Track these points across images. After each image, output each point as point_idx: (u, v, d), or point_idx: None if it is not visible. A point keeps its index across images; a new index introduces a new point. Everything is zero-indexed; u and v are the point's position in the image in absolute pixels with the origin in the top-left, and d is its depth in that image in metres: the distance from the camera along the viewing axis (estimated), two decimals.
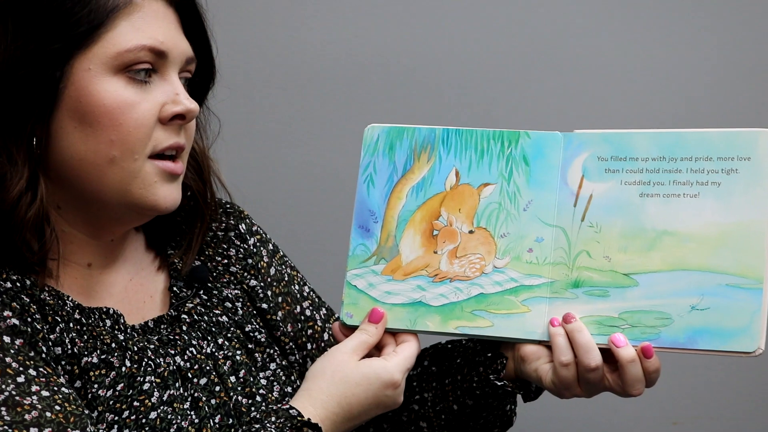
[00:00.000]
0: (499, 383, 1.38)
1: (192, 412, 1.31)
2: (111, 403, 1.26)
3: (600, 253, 1.33)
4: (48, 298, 1.28)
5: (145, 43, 1.28)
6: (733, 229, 1.29)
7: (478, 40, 2.03)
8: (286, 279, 1.49)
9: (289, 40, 2.03)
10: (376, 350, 1.38)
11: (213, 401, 1.33)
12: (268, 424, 1.28)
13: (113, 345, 1.29)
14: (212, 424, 1.31)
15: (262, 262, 1.47)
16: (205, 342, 1.37)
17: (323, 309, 1.50)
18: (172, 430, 1.28)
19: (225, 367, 1.36)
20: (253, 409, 1.35)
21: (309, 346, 1.46)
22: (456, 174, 1.39)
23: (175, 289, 1.40)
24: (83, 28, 1.26)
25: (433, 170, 1.40)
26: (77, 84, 1.26)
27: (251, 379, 1.37)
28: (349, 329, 1.40)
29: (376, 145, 1.42)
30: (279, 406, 1.33)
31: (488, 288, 1.36)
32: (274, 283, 1.47)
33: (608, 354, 1.32)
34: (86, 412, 1.22)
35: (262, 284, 1.45)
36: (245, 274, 1.45)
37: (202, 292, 1.41)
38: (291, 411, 1.29)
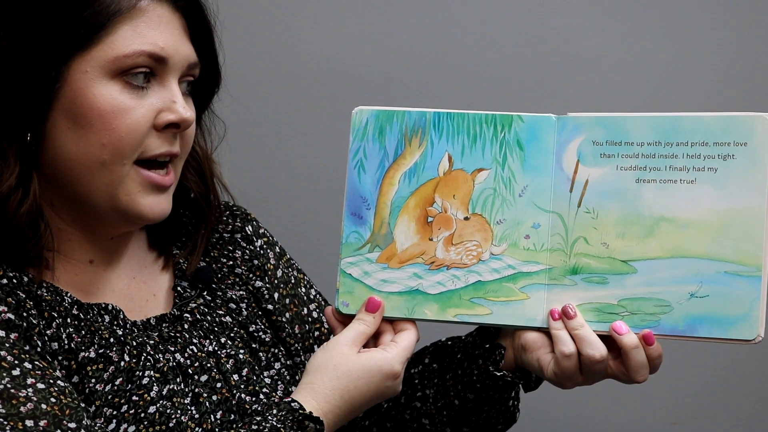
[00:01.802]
0: (498, 373, 1.39)
1: (192, 408, 1.31)
2: (109, 397, 1.27)
3: (597, 240, 1.33)
4: (45, 294, 1.28)
5: (144, 48, 1.27)
6: (731, 216, 1.29)
7: (467, 21, 2.01)
8: (293, 281, 1.48)
9: (292, 45, 2.02)
10: (372, 338, 1.38)
11: (214, 397, 1.33)
12: (269, 417, 1.28)
13: (111, 340, 1.30)
14: (213, 419, 1.31)
15: (268, 264, 1.46)
16: (207, 341, 1.37)
17: (328, 307, 1.50)
18: (171, 424, 1.28)
19: (228, 365, 1.36)
20: (256, 406, 1.35)
21: (316, 348, 1.46)
22: (449, 159, 1.38)
23: (179, 288, 1.39)
24: (83, 31, 1.25)
25: (425, 155, 1.38)
26: (73, 85, 1.26)
27: (254, 378, 1.37)
28: (344, 316, 1.39)
29: (365, 129, 1.40)
30: (281, 398, 1.33)
31: (486, 275, 1.36)
32: (281, 285, 1.46)
33: (608, 341, 1.32)
34: (82, 405, 1.23)
35: (268, 285, 1.45)
36: (250, 275, 1.45)
37: (206, 293, 1.41)
38: (293, 404, 1.29)
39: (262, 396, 1.36)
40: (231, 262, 1.45)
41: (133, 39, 1.27)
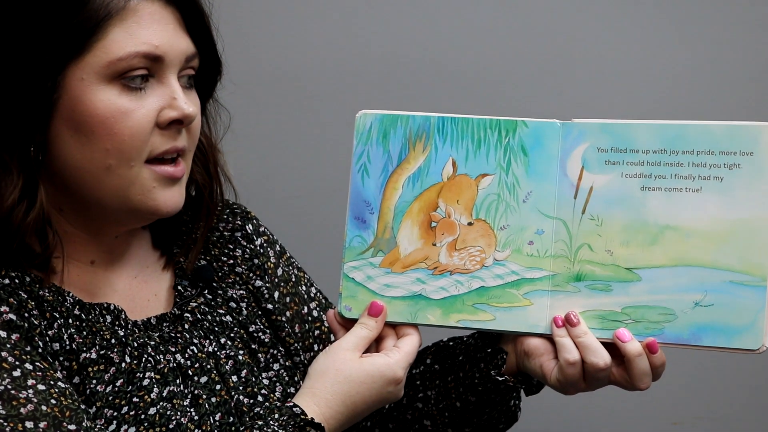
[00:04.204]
0: (500, 378, 1.39)
1: (192, 409, 1.31)
2: (110, 398, 1.27)
3: (602, 247, 1.33)
4: (47, 295, 1.28)
5: (138, 49, 1.26)
6: (737, 225, 1.29)
7: (472, 26, 2.00)
8: (294, 280, 1.48)
9: (296, 48, 2.02)
10: (374, 342, 1.38)
11: (213, 399, 1.33)
12: (271, 422, 1.28)
13: (113, 341, 1.30)
14: (212, 421, 1.32)
15: (268, 263, 1.46)
16: (207, 341, 1.37)
17: (330, 310, 1.49)
18: (171, 426, 1.28)
19: (227, 367, 1.36)
20: (254, 408, 1.35)
21: (316, 347, 1.46)
22: (453, 164, 1.38)
23: (179, 287, 1.39)
24: (75, 38, 1.24)
25: (429, 160, 1.38)
26: (71, 93, 1.25)
27: (253, 379, 1.37)
28: (346, 320, 1.39)
29: (369, 133, 1.39)
30: (283, 403, 1.33)
31: (489, 281, 1.36)
32: (282, 284, 1.46)
33: (612, 348, 1.32)
34: (82, 407, 1.23)
35: (268, 285, 1.45)
36: (251, 274, 1.44)
37: (206, 291, 1.41)
38: (294, 409, 1.29)
39: (260, 398, 1.36)
40: (231, 261, 1.45)
41: (126, 41, 1.26)
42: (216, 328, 1.38)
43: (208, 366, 1.35)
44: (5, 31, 1.25)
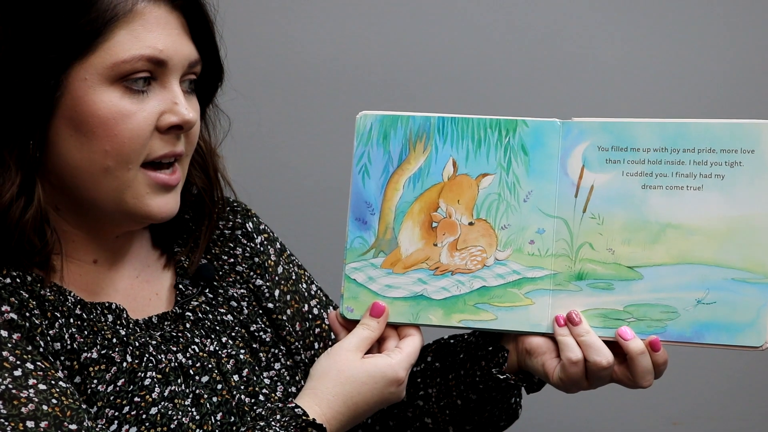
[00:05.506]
0: (501, 376, 1.39)
1: (193, 409, 1.31)
2: (111, 398, 1.27)
3: (603, 245, 1.33)
4: (48, 294, 1.28)
5: (143, 53, 1.26)
6: (739, 223, 1.29)
7: (472, 25, 2.01)
8: (294, 278, 1.48)
9: (296, 49, 2.02)
10: (376, 343, 1.38)
11: (215, 399, 1.33)
12: (272, 422, 1.28)
13: (114, 340, 1.30)
14: (213, 421, 1.32)
15: (269, 261, 1.46)
16: (209, 340, 1.37)
17: (331, 308, 1.50)
18: (172, 426, 1.28)
19: (228, 366, 1.36)
20: (255, 408, 1.35)
21: (316, 345, 1.47)
22: (453, 164, 1.38)
23: (180, 286, 1.39)
24: (80, 38, 1.25)
25: (429, 160, 1.38)
26: (73, 93, 1.25)
27: (254, 379, 1.37)
28: (348, 321, 1.39)
29: (370, 134, 1.39)
30: (284, 404, 1.33)
31: (490, 281, 1.36)
32: (282, 282, 1.46)
33: (614, 346, 1.32)
34: (84, 406, 1.23)
35: (268, 283, 1.45)
36: (251, 273, 1.44)
37: (207, 290, 1.41)
38: (296, 410, 1.29)
39: (261, 397, 1.36)
40: (232, 260, 1.45)
41: (131, 44, 1.26)
42: (217, 327, 1.38)
43: (210, 365, 1.35)
44: (11, 28, 1.25)
